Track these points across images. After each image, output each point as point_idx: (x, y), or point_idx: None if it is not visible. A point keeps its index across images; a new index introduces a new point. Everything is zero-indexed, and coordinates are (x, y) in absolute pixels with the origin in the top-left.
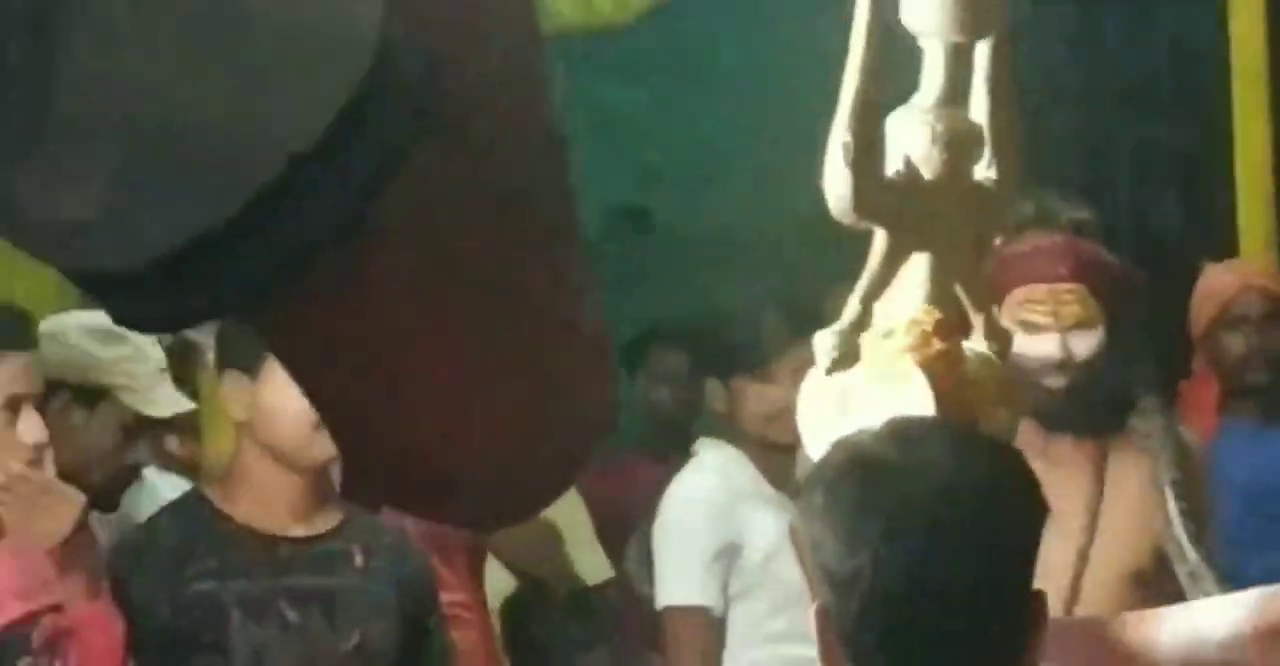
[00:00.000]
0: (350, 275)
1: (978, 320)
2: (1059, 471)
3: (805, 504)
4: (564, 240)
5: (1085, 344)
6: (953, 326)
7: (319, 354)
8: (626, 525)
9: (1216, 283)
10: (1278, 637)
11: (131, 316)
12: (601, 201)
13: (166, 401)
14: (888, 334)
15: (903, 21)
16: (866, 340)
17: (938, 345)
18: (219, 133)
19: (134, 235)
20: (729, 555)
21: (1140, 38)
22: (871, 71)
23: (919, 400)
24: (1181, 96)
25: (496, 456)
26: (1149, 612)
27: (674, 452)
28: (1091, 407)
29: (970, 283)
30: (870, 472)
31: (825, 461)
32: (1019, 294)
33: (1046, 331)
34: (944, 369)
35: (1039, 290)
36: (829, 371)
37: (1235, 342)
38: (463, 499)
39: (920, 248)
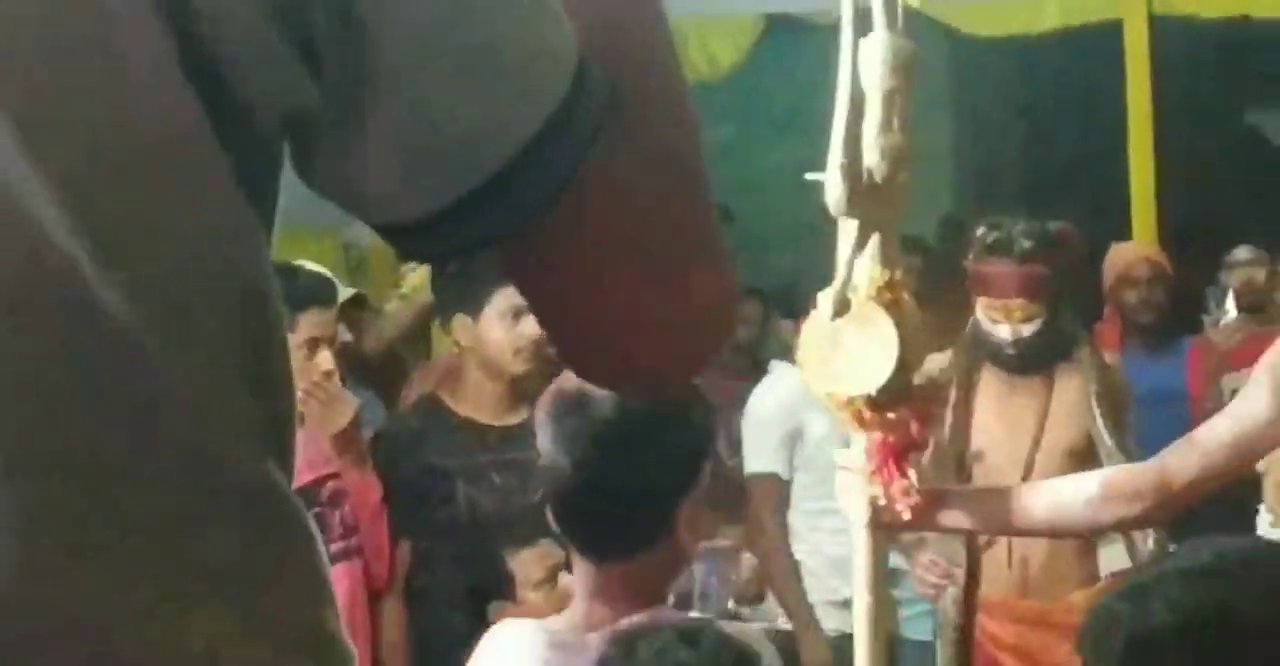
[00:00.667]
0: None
1: (906, 280)
2: (1020, 393)
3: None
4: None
5: (1031, 328)
6: (899, 282)
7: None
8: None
9: (1120, 255)
10: (1116, 498)
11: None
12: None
13: None
14: (854, 288)
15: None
16: (850, 293)
17: (889, 295)
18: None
19: (421, 194)
20: (794, 438)
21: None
22: (854, 110)
23: (887, 335)
24: (1095, 119)
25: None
26: (1030, 484)
27: (751, 372)
28: (1038, 359)
29: (898, 253)
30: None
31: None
32: (984, 300)
33: (1002, 324)
34: (897, 312)
35: (996, 301)
36: (833, 318)
37: (1132, 296)
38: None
39: (875, 229)
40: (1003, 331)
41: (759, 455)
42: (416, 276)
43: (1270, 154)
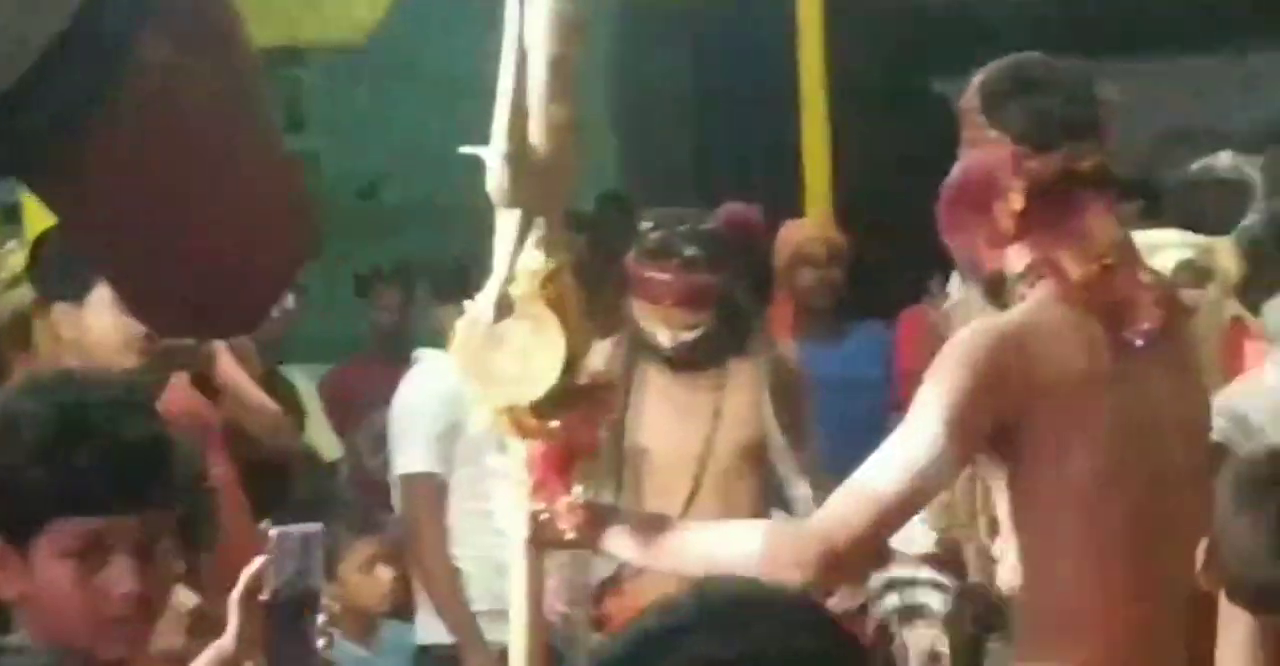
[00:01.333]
0: (99, 152)
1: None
2: (689, 387)
3: None
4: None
5: (692, 335)
6: (562, 273)
7: (92, 213)
8: (358, 414)
9: (792, 234)
10: (777, 562)
11: None
12: (341, 176)
13: None
14: (512, 281)
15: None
16: (513, 289)
17: (551, 289)
18: None
19: None
20: (452, 432)
21: (738, 52)
22: (519, 83)
23: (553, 337)
24: (766, 99)
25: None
26: (699, 524)
27: (397, 361)
28: (701, 361)
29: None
30: None
31: None
32: (640, 302)
33: (661, 329)
34: (560, 307)
35: (652, 306)
36: (495, 320)
37: (805, 277)
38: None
39: (539, 214)
40: (662, 337)
41: (411, 452)
42: (15, 258)
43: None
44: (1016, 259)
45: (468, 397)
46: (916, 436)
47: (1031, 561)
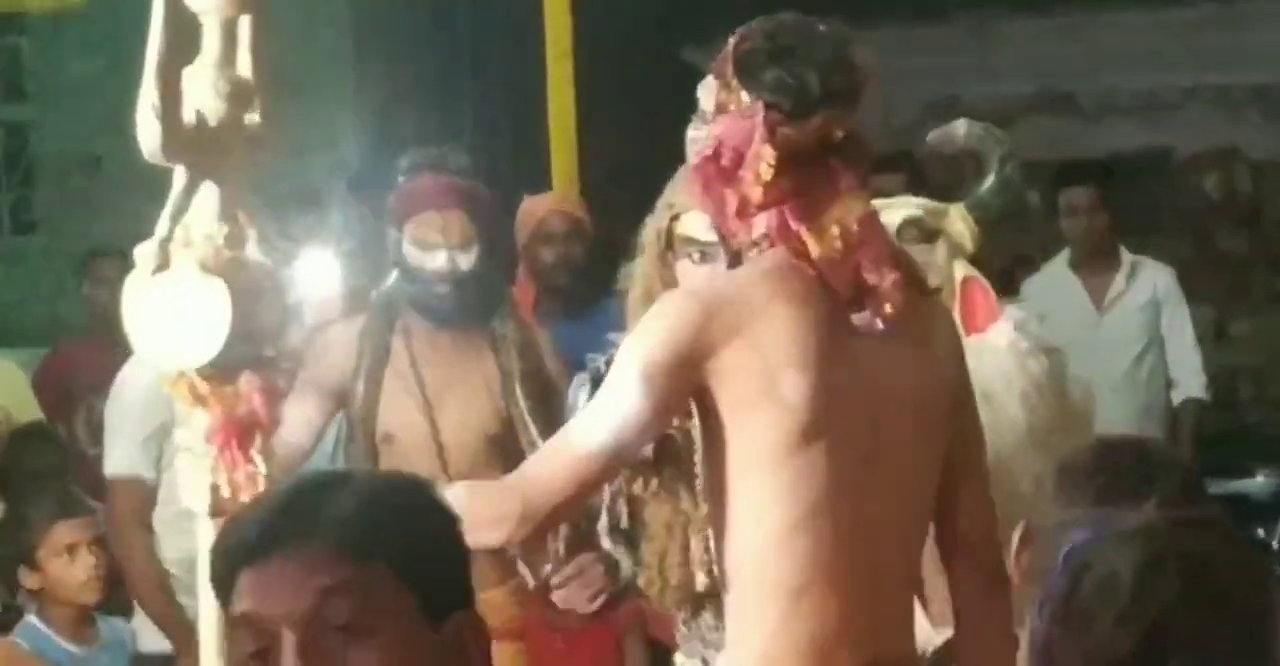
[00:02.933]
0: None
1: (252, 234)
2: (441, 364)
3: None
4: None
5: (467, 259)
6: (240, 238)
7: None
8: (74, 399)
9: (532, 208)
10: (475, 521)
11: None
12: (60, 149)
13: None
14: (188, 244)
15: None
16: (176, 250)
17: (227, 253)
18: None
19: None
20: (163, 433)
21: (481, 22)
22: (169, 44)
23: (218, 298)
24: (512, 70)
25: None
26: None
27: (115, 341)
28: (471, 308)
29: (247, 205)
30: None
31: None
32: (416, 219)
33: (438, 249)
34: (237, 271)
35: (432, 215)
36: (153, 273)
37: (546, 253)
38: None
39: (211, 179)
40: (438, 259)
41: (117, 453)
42: None
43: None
44: (760, 227)
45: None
46: (616, 395)
47: (721, 528)
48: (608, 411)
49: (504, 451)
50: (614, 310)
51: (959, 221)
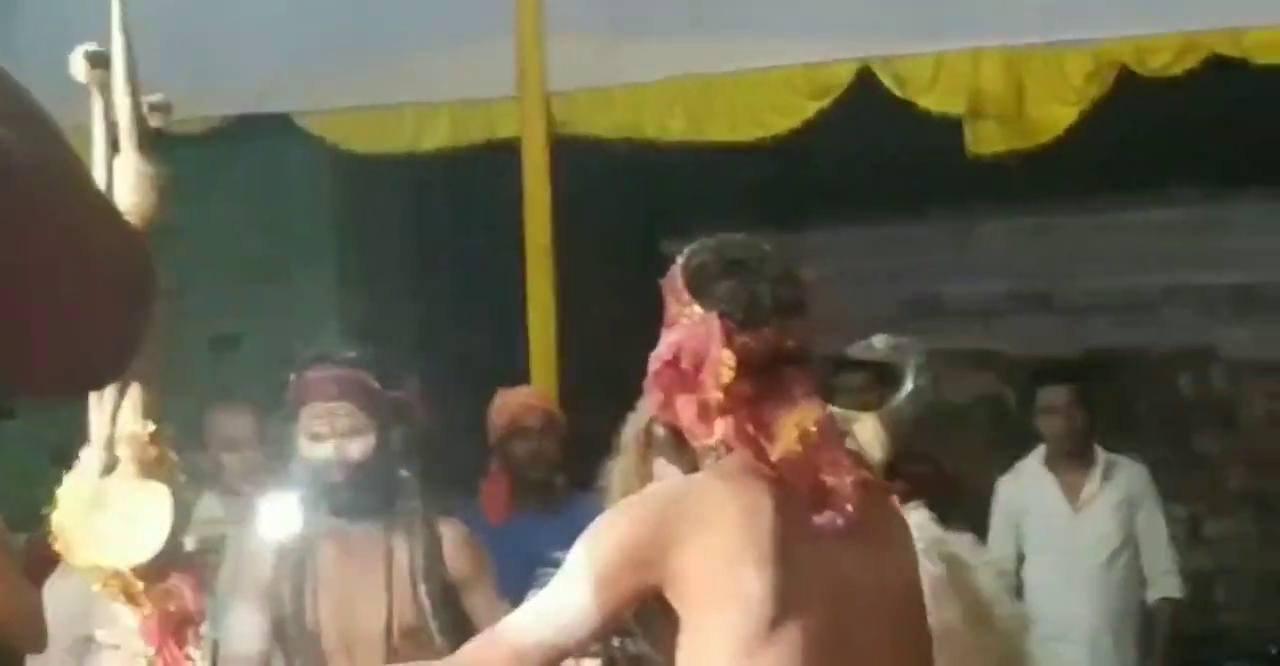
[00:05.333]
0: None
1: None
2: (357, 557)
3: None
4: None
5: (357, 448)
6: (160, 437)
7: None
8: None
9: (506, 402)
10: None
11: None
12: None
13: None
14: (118, 443)
15: None
16: (119, 450)
17: (153, 452)
18: None
19: None
20: (85, 644)
21: (461, 217)
22: None
23: (159, 498)
24: (491, 267)
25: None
26: None
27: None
28: (368, 499)
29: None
30: None
31: None
32: (307, 411)
33: (326, 439)
34: (161, 470)
35: (319, 406)
36: (102, 475)
37: (519, 448)
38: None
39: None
40: (326, 449)
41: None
42: None
43: None
44: (719, 431)
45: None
46: (563, 592)
47: None
48: (552, 608)
49: (416, 644)
50: (589, 506)
51: (869, 428)
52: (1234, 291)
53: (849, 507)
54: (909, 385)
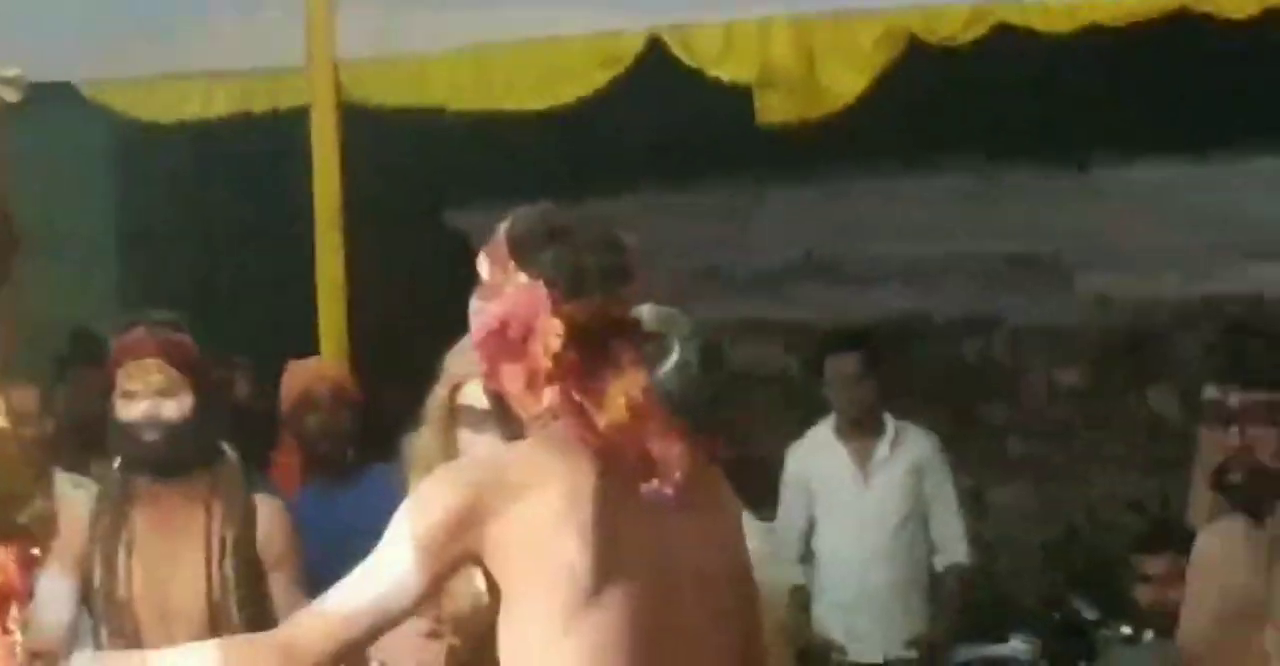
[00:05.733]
0: None
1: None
2: (177, 523)
3: None
4: None
5: (172, 407)
6: None
7: None
8: None
9: (296, 374)
10: None
11: None
12: None
13: None
14: None
15: None
16: None
17: None
18: None
19: None
20: None
21: (248, 187)
22: None
23: None
24: (280, 237)
25: None
26: (160, 652)
27: None
28: (186, 460)
29: None
30: None
31: None
32: (121, 371)
33: (139, 398)
34: None
35: (132, 365)
36: None
37: (311, 420)
38: None
39: None
40: (141, 407)
41: None
42: None
43: (468, 264)
44: (545, 400)
45: None
46: (385, 559)
47: None
48: (375, 575)
49: (228, 616)
50: (384, 478)
51: None
52: (1014, 259)
53: (676, 476)
54: (674, 358)
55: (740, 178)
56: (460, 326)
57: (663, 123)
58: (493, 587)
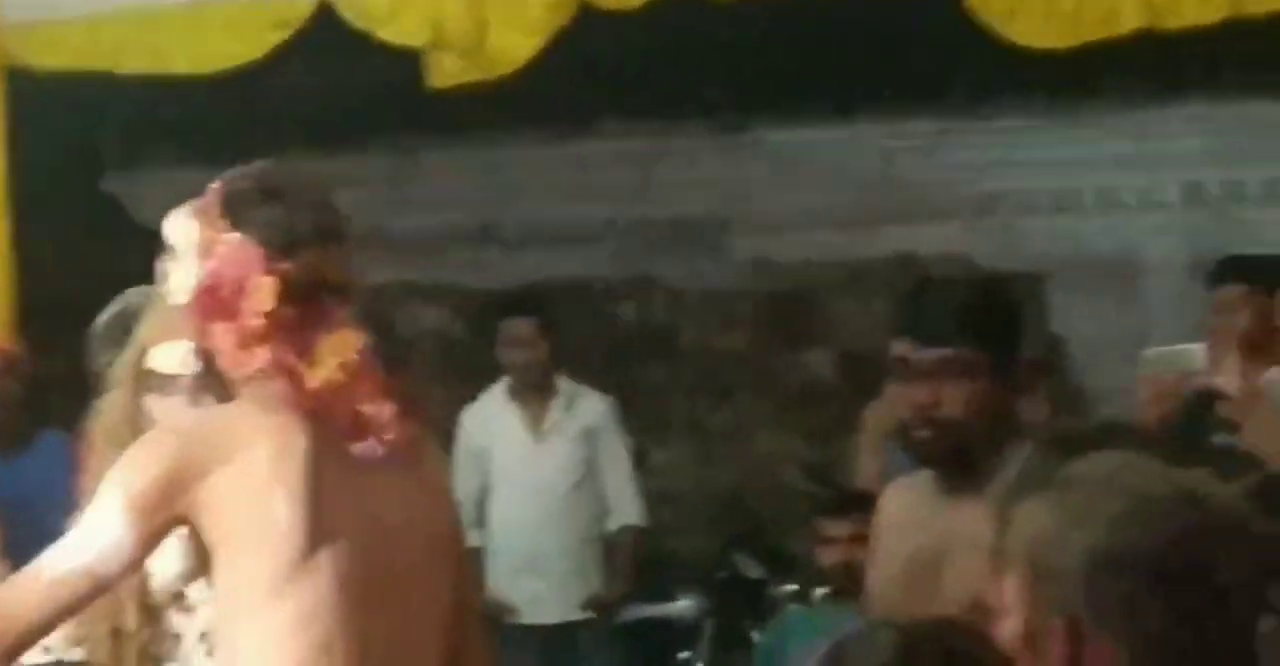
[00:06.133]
0: None
1: None
2: None
3: None
4: None
5: None
6: None
7: None
8: None
9: None
10: None
11: None
12: None
13: None
14: None
15: None
16: None
17: None
18: None
19: None
20: None
21: None
22: None
23: None
24: None
25: None
26: None
27: None
28: None
29: None
30: None
31: None
32: None
33: None
34: None
35: None
36: None
37: None
38: None
39: None
40: None
41: None
42: None
43: (131, 229)
44: (258, 360)
45: None
46: (95, 526)
47: (230, 650)
48: (86, 539)
49: None
50: (56, 445)
51: None
52: (677, 223)
53: (389, 435)
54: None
55: (406, 141)
56: None
57: (334, 85)
58: (203, 556)
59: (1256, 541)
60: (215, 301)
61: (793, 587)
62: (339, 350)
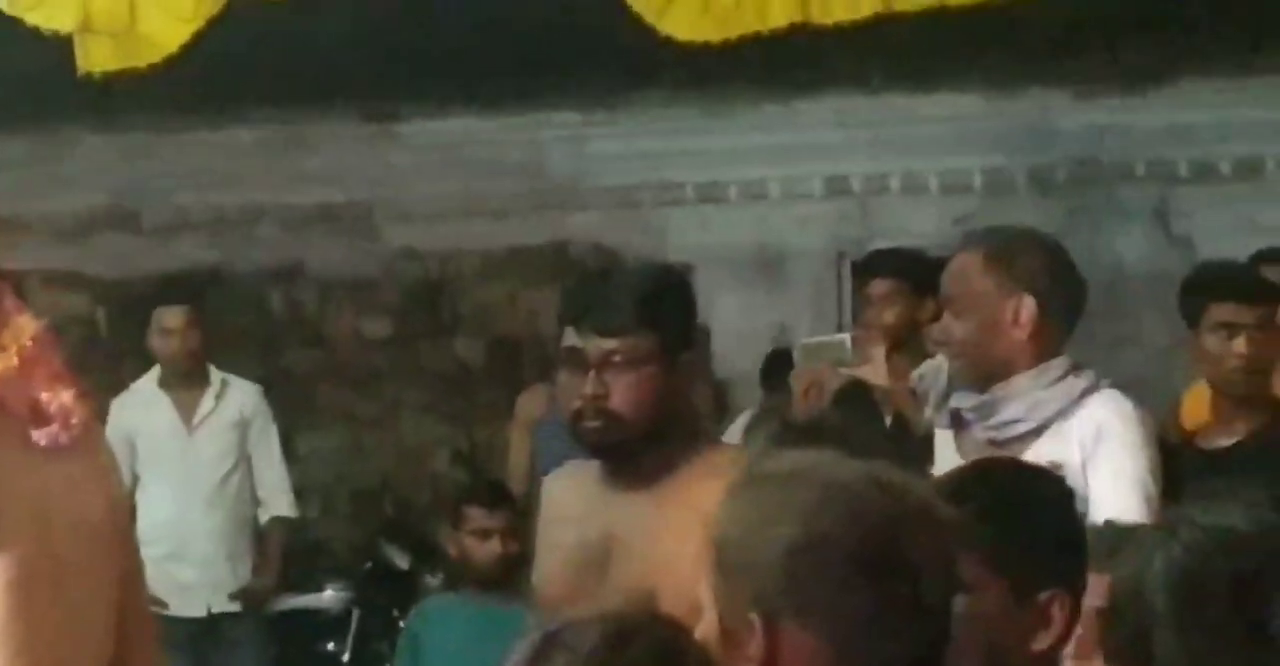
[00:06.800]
0: None
1: None
2: None
3: None
4: None
5: None
6: None
7: None
8: None
9: None
10: None
11: None
12: None
13: None
14: None
15: None
16: None
17: None
18: None
19: None
20: None
21: None
22: None
23: None
24: None
25: None
26: None
27: None
28: None
29: None
30: None
31: None
32: None
33: None
34: None
35: None
36: None
37: None
38: None
39: None
40: None
41: None
42: None
43: None
44: None
45: None
46: None
47: None
48: None
49: None
50: None
51: None
52: (324, 210)
53: (73, 421)
54: None
55: (55, 125)
56: None
57: None
58: None
59: (943, 525)
60: None
61: (440, 578)
62: (15, 338)
